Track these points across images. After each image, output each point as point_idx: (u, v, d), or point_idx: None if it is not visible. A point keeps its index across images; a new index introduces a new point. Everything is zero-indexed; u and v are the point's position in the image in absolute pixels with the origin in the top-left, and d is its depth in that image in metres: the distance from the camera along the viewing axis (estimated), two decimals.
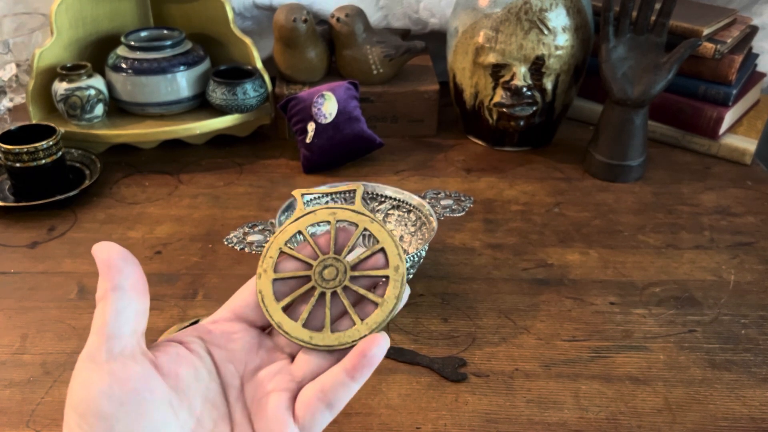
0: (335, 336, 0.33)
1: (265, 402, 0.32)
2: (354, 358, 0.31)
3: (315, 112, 0.86)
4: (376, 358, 0.31)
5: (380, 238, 0.35)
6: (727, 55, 0.87)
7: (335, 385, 0.31)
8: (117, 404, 0.28)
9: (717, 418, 0.54)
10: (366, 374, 0.32)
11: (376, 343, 0.32)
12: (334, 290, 0.34)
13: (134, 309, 0.31)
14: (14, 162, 0.78)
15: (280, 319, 0.34)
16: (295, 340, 0.33)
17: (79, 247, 0.74)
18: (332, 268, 0.35)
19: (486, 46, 0.86)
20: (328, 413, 0.32)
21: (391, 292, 0.34)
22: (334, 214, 0.36)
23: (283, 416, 0.32)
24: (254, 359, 0.34)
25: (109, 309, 0.31)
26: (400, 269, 0.34)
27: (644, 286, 0.69)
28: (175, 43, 0.90)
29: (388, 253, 0.35)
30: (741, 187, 0.86)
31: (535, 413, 0.54)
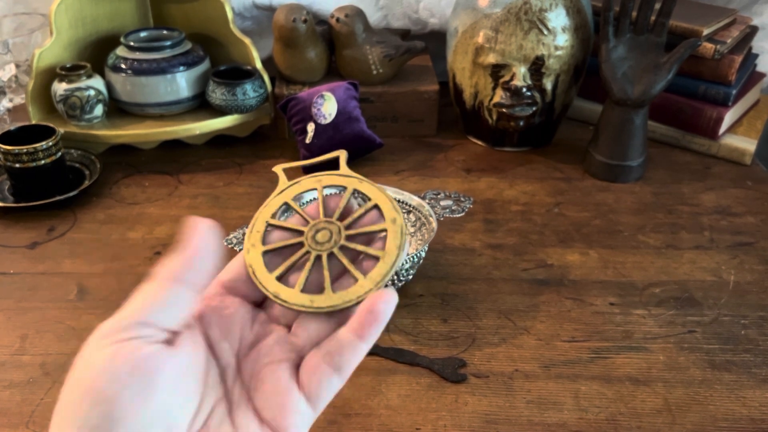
0: (338, 295, 0.31)
1: (265, 375, 0.30)
2: (361, 315, 0.29)
3: (315, 113, 0.86)
4: (385, 314, 0.29)
5: (372, 195, 0.34)
6: (726, 55, 0.87)
7: (342, 346, 0.29)
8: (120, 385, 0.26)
9: (717, 418, 0.54)
10: (375, 333, 0.29)
11: (383, 297, 0.29)
12: (330, 251, 0.32)
13: (182, 308, 0.29)
14: (14, 162, 0.78)
15: (276, 289, 0.31)
16: (296, 306, 0.31)
17: (79, 247, 0.74)
18: (325, 231, 0.33)
19: (486, 46, 0.86)
20: (336, 378, 0.30)
21: (392, 243, 0.32)
22: (320, 180, 0.35)
23: (285, 386, 0.30)
24: (249, 334, 0.32)
25: (158, 296, 0.28)
26: (398, 221, 0.32)
27: (644, 286, 0.69)
28: (175, 43, 0.90)
29: (382, 207, 0.33)
30: (741, 187, 0.86)
31: (535, 414, 0.54)
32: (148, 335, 0.27)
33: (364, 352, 0.30)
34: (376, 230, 0.33)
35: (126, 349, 0.26)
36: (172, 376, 0.27)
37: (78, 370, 0.27)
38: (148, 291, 0.28)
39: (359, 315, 0.29)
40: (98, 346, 0.27)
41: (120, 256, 0.72)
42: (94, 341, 0.27)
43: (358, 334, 0.29)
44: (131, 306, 0.28)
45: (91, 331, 0.65)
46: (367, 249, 0.32)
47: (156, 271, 0.29)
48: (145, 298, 0.28)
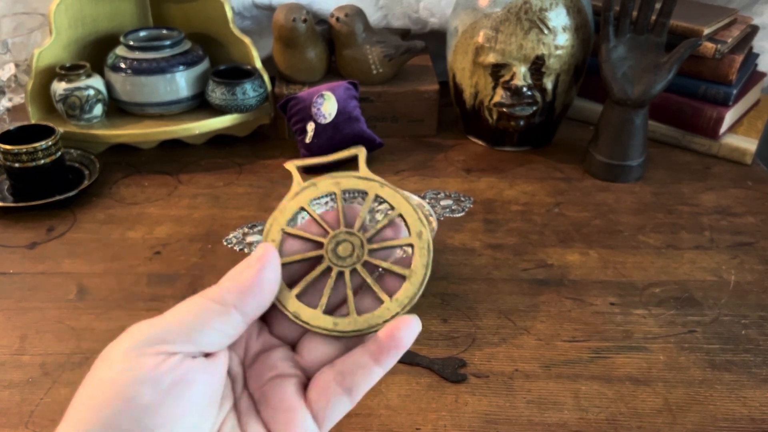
0: (363, 319, 0.29)
1: (271, 389, 0.29)
2: (381, 340, 0.28)
3: (314, 112, 0.85)
4: (406, 342, 0.28)
5: (395, 203, 0.31)
6: (727, 55, 0.87)
7: (357, 368, 0.28)
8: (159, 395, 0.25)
9: (717, 418, 0.54)
10: (393, 359, 0.28)
11: (406, 324, 0.28)
12: (352, 267, 0.30)
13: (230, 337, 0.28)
14: (13, 162, 0.78)
15: (296, 308, 0.29)
16: (318, 329, 0.29)
17: (79, 247, 0.73)
18: (347, 244, 0.30)
19: (486, 46, 0.85)
20: (347, 400, 0.29)
21: (419, 260, 0.30)
22: (338, 183, 0.32)
23: (292, 402, 0.29)
24: (254, 344, 0.31)
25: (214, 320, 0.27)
26: (424, 235, 0.30)
27: (644, 286, 0.68)
28: (175, 42, 0.90)
29: (407, 218, 0.31)
30: (741, 187, 0.86)
31: (535, 414, 0.54)
32: (188, 352, 0.27)
33: (378, 377, 0.29)
34: (399, 245, 0.31)
35: (170, 362, 0.26)
36: (204, 392, 0.27)
37: (109, 370, 0.26)
38: (202, 308, 0.27)
39: (380, 339, 0.28)
40: (137, 351, 0.26)
41: (120, 256, 0.72)
42: (130, 345, 0.26)
43: (375, 358, 0.28)
44: (179, 317, 0.27)
45: (91, 331, 0.65)
46: (393, 267, 0.30)
47: (213, 290, 0.28)
48: (196, 315, 0.27)
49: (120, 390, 0.25)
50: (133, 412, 0.25)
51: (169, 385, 0.25)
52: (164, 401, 0.25)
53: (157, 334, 0.27)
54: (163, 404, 0.25)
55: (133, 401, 0.25)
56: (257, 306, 0.28)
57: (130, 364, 0.26)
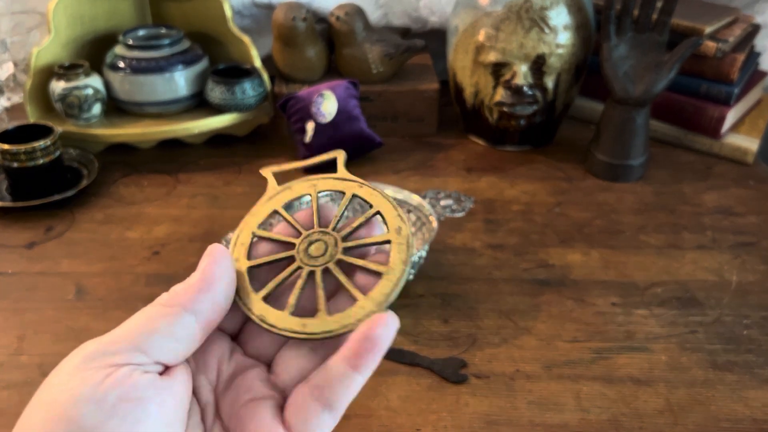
0: (334, 319, 0.27)
1: (245, 414, 0.26)
2: (355, 342, 0.25)
3: (314, 112, 0.85)
4: (383, 341, 0.25)
5: (374, 202, 0.30)
6: (729, 54, 0.87)
7: (333, 378, 0.25)
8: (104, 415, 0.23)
9: (719, 419, 0.54)
10: (372, 362, 0.25)
11: (380, 322, 0.25)
12: (325, 266, 0.28)
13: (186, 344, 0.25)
14: (11, 162, 0.78)
15: (261, 311, 0.27)
16: (285, 331, 0.27)
17: (77, 247, 0.73)
18: (320, 243, 0.29)
19: (486, 45, 0.85)
20: (327, 415, 0.26)
21: (396, 257, 0.28)
22: (315, 185, 0.31)
23: (269, 427, 0.26)
24: (227, 368, 0.28)
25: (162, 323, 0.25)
26: (403, 230, 0.29)
27: (646, 286, 0.68)
28: (173, 41, 0.90)
29: (385, 215, 0.29)
30: (743, 186, 0.86)
31: (536, 415, 0.54)
32: (140, 364, 0.24)
33: (359, 385, 0.26)
34: (378, 242, 0.29)
35: (115, 376, 0.24)
36: (160, 412, 0.24)
37: (52, 390, 0.24)
38: (149, 315, 0.25)
39: (353, 342, 0.25)
40: (81, 368, 0.24)
41: (118, 255, 0.72)
42: (76, 362, 0.24)
43: (351, 364, 0.25)
44: (126, 327, 0.25)
45: (89, 331, 0.65)
46: (368, 263, 0.28)
47: (163, 295, 0.26)
48: (145, 322, 0.25)
49: (61, 412, 0.23)
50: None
51: (115, 403, 0.23)
52: (109, 422, 0.23)
53: (102, 347, 0.24)
54: (107, 425, 0.23)
55: (76, 423, 0.23)
56: (211, 305, 0.26)
57: (72, 381, 0.23)
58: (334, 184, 0.31)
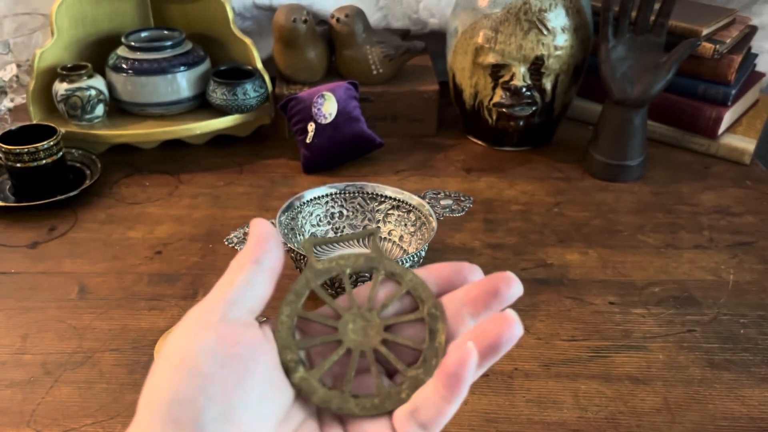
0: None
1: None
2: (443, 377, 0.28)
3: (315, 112, 0.86)
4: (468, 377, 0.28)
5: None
6: (726, 55, 0.87)
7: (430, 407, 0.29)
8: (218, 365, 0.27)
9: (716, 417, 0.54)
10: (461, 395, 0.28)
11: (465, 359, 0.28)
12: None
13: (263, 289, 0.30)
14: (15, 162, 0.78)
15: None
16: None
17: (80, 247, 0.74)
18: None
19: (485, 46, 0.86)
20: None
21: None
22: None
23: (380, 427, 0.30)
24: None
25: (241, 277, 0.30)
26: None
27: (644, 285, 0.69)
28: (176, 43, 0.90)
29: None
30: (740, 186, 0.86)
31: (535, 413, 0.54)
32: (238, 315, 0.29)
33: (452, 411, 0.29)
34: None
35: (226, 332, 0.28)
36: (267, 369, 0.28)
37: (174, 348, 0.28)
38: (230, 275, 0.30)
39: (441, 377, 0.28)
40: (196, 329, 0.28)
41: (120, 255, 0.72)
42: (189, 325, 0.28)
43: (442, 396, 0.28)
44: (217, 289, 0.30)
45: (92, 330, 0.65)
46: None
47: (233, 261, 0.31)
48: (228, 280, 0.30)
49: (184, 362, 0.27)
50: (195, 381, 0.26)
51: (224, 356, 0.27)
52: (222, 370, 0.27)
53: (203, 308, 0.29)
54: (223, 373, 0.27)
55: (194, 371, 0.27)
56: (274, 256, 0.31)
57: (190, 340, 0.28)
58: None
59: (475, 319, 0.31)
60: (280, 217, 0.67)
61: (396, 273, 0.32)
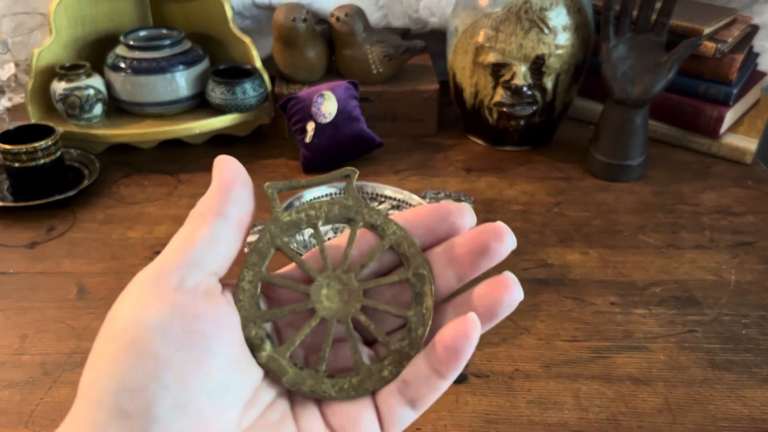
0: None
1: None
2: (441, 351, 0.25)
3: (314, 112, 0.85)
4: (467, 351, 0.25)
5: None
6: (727, 55, 0.87)
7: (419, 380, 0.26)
8: (174, 345, 0.23)
9: (717, 418, 0.54)
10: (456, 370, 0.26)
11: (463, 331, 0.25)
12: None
13: (228, 247, 0.25)
14: (13, 162, 0.78)
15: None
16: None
17: (78, 247, 0.73)
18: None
19: (486, 46, 0.85)
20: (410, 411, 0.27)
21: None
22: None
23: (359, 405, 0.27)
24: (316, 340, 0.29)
25: (201, 233, 0.25)
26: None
27: (645, 286, 0.68)
28: (174, 42, 0.90)
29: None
30: (741, 186, 0.86)
31: (536, 414, 0.54)
32: (198, 281, 0.24)
33: (443, 388, 0.26)
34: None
35: (182, 304, 0.24)
36: (231, 347, 0.24)
37: (121, 320, 0.24)
38: (188, 230, 0.25)
39: (439, 349, 0.25)
40: (144, 295, 0.24)
41: (119, 255, 0.72)
42: (136, 291, 0.24)
43: (436, 370, 0.26)
44: (173, 248, 0.25)
45: (91, 330, 0.65)
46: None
47: (192, 212, 0.26)
48: (187, 237, 0.25)
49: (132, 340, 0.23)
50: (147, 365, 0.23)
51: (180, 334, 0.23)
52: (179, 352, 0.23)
53: (157, 271, 0.25)
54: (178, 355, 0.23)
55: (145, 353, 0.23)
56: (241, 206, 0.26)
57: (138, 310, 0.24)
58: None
59: (462, 281, 0.27)
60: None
61: (377, 225, 0.28)
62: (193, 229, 0.25)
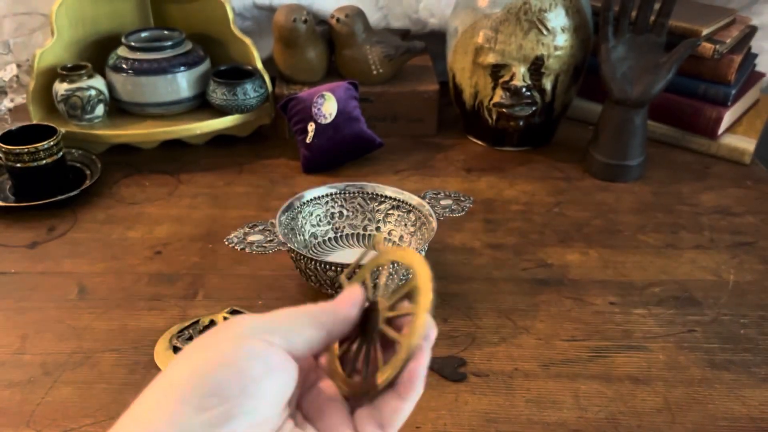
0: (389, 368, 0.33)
1: (326, 407, 0.34)
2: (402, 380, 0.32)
3: (315, 113, 0.86)
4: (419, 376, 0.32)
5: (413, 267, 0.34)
6: (726, 55, 0.87)
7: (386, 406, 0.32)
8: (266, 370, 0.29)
9: (716, 417, 0.54)
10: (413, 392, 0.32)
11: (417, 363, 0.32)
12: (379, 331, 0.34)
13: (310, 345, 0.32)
14: (15, 162, 0.78)
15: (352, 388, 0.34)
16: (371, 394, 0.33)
17: (79, 247, 0.74)
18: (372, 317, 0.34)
19: (485, 47, 0.86)
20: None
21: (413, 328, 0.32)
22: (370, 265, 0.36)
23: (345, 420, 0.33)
24: (312, 374, 0.35)
25: (301, 324, 0.32)
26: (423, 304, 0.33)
27: (644, 286, 0.69)
28: (176, 43, 0.90)
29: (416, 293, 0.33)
30: (740, 186, 0.86)
31: (535, 413, 0.54)
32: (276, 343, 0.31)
33: (407, 411, 0.32)
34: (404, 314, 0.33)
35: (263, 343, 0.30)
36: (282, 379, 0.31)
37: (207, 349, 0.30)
38: (297, 316, 0.32)
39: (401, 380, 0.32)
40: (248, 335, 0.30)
41: (120, 255, 0.72)
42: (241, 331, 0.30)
43: (399, 393, 0.32)
44: (281, 317, 0.32)
45: (91, 330, 0.65)
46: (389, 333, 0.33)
47: (311, 307, 0.33)
48: (291, 320, 0.32)
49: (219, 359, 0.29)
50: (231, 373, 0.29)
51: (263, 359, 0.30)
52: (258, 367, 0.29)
53: (262, 325, 0.31)
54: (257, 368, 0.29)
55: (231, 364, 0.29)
56: (339, 329, 0.33)
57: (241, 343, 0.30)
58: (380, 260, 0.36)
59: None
60: (280, 217, 0.67)
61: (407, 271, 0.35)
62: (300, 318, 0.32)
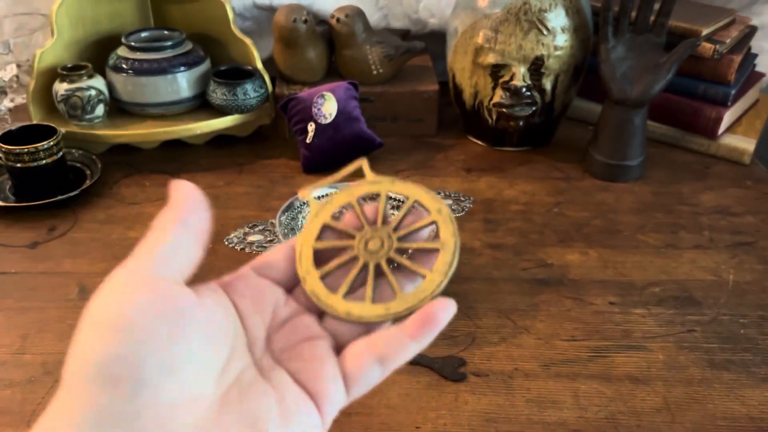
0: (411, 296, 0.30)
1: (302, 347, 0.29)
2: (418, 317, 0.29)
3: (315, 113, 0.86)
4: (442, 322, 0.29)
5: (408, 193, 0.33)
6: (726, 55, 0.87)
7: (392, 338, 0.29)
8: (156, 319, 0.25)
9: (716, 417, 0.54)
10: (428, 337, 0.28)
11: (443, 305, 0.29)
12: (387, 257, 0.31)
13: (191, 253, 0.28)
14: (15, 162, 0.78)
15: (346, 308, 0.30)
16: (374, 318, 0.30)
17: (80, 247, 0.74)
18: (375, 239, 0.32)
19: (485, 47, 0.86)
20: (377, 369, 0.29)
21: (446, 231, 0.31)
22: (352, 193, 0.34)
23: (324, 356, 0.29)
24: (282, 312, 0.31)
25: (166, 238, 0.28)
26: (443, 210, 0.32)
27: (644, 285, 0.69)
28: (176, 43, 0.90)
29: (423, 202, 0.33)
30: (740, 186, 0.86)
31: (535, 413, 0.54)
32: (168, 275, 0.27)
33: (412, 353, 0.29)
34: (425, 225, 0.32)
35: (157, 286, 0.26)
36: (201, 323, 0.27)
37: (103, 309, 0.25)
38: (154, 236, 0.28)
39: (416, 316, 0.29)
40: (126, 288, 0.26)
41: (120, 255, 0.72)
42: (118, 285, 0.26)
43: (411, 334, 0.28)
44: (142, 250, 0.28)
45: None
46: (423, 244, 0.31)
47: (154, 223, 0.29)
48: (154, 242, 0.28)
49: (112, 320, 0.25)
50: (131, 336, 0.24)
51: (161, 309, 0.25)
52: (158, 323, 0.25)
53: (129, 270, 0.27)
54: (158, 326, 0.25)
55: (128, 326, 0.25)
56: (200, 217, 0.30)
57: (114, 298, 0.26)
58: (369, 188, 0.34)
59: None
60: (280, 217, 0.67)
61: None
62: (158, 235, 0.28)
